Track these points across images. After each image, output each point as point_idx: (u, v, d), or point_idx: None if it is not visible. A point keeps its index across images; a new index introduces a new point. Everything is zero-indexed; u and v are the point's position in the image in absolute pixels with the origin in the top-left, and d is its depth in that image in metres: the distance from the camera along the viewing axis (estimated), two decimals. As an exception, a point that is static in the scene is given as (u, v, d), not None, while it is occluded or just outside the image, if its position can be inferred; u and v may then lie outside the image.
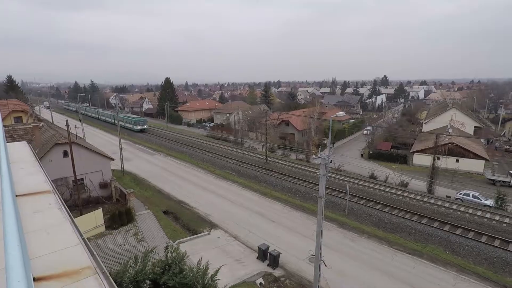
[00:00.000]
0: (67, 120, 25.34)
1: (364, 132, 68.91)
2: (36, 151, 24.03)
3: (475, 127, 60.21)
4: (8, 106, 41.83)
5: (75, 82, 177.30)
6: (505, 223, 24.70)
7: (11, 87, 72.87)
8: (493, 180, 38.15)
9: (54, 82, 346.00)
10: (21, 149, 8.11)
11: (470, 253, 21.26)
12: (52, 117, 66.63)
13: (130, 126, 70.09)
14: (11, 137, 27.71)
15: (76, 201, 25.19)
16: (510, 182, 36.94)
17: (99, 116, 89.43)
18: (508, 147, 55.87)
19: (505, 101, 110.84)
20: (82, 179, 27.70)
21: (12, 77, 76.31)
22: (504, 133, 70.75)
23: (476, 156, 42.31)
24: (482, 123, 71.22)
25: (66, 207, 4.70)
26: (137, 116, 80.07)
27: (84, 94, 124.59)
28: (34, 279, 2.76)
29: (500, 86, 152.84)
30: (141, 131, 68.38)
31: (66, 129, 24.46)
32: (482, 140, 55.82)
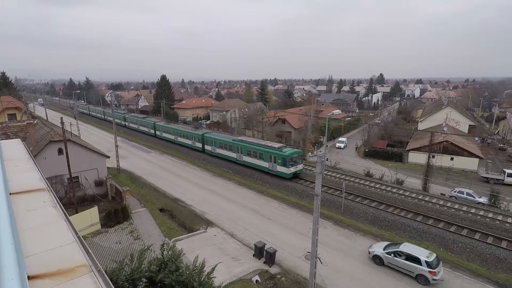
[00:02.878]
0: (61, 118, 25.11)
1: (337, 146, 55.16)
2: (30, 149, 23.81)
3: (469, 125, 60.73)
4: (2, 103, 41.32)
5: (70, 79, 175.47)
6: (499, 220, 25.01)
7: (4, 84, 71.89)
8: (487, 178, 38.58)
9: (49, 79, 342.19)
10: (15, 146, 8.02)
11: (463, 250, 21.52)
12: (46, 114, 66.00)
13: (266, 165, 34.94)
14: (4, 134, 27.42)
15: (71, 199, 25.02)
16: (503, 180, 37.39)
17: (138, 127, 63.65)
18: (501, 145, 56.47)
19: (499, 99, 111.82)
20: (77, 177, 27.51)
21: (6, 74, 75.32)
22: (498, 132, 71.51)
23: (471, 154, 42.72)
24: (476, 121, 71.86)
25: (61, 205, 4.67)
26: (282, 145, 37.18)
27: (79, 91, 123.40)
28: (29, 278, 2.74)
29: (494, 85, 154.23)
30: (295, 175, 34.13)
31: (61, 126, 24.23)
32: (477, 138, 56.38)
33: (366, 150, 50.77)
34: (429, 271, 17.26)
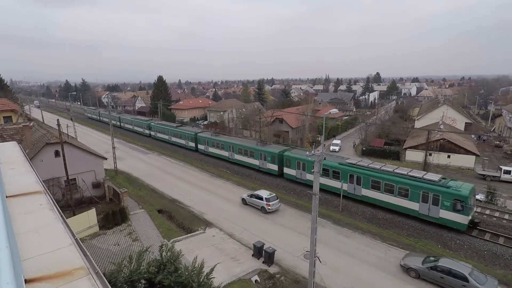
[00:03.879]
0: (58, 120, 24.96)
1: (331, 148, 51.99)
2: (27, 151, 23.68)
3: (465, 123, 61.10)
4: (-3, 106, 41.01)
5: (66, 80, 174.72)
6: (495, 217, 25.17)
7: (-1, 86, 71.32)
8: (484, 175, 38.79)
9: (45, 81, 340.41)
10: (11, 149, 7.98)
11: (461, 247, 21.65)
12: (42, 116, 65.58)
13: (415, 206, 24.15)
14: (0, 137, 27.24)
15: (69, 201, 24.88)
16: (500, 177, 37.61)
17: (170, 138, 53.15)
18: (497, 142, 56.84)
19: (494, 97, 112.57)
20: (74, 179, 27.36)
21: (1, 76, 74.74)
22: (494, 129, 71.98)
23: (467, 152, 42.96)
24: (472, 119, 72.31)
25: (58, 207, 4.64)
26: (441, 176, 24.90)
27: (75, 93, 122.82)
28: (26, 281, 2.73)
29: (489, 83, 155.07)
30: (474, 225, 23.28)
31: (57, 128, 24.09)
32: (473, 136, 56.72)
33: (364, 148, 50.93)
34: (266, 204, 27.09)
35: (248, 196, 28.85)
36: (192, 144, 48.26)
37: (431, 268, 17.60)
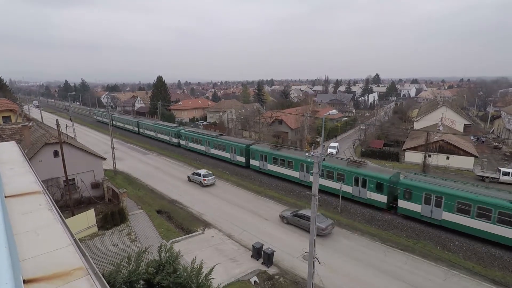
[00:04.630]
0: (57, 120, 24.91)
1: (329, 151, 49.01)
2: (26, 151, 23.63)
3: (464, 124, 61.17)
4: (-4, 106, 40.95)
5: (65, 80, 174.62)
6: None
7: (-1, 86, 71.14)
8: (482, 176, 38.84)
9: (44, 81, 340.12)
10: (10, 149, 7.96)
11: (460, 248, 21.67)
12: (41, 116, 65.48)
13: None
14: (-1, 137, 27.16)
15: (68, 201, 24.84)
16: (498, 178, 37.66)
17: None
18: (496, 144, 56.95)
19: (493, 99, 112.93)
20: (73, 179, 27.33)
21: (0, 76, 74.64)
22: (493, 130, 72.12)
23: (466, 153, 43.03)
24: (471, 120, 72.43)
25: (57, 207, 4.63)
26: None
27: (74, 93, 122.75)
28: (24, 281, 2.72)
29: (488, 84, 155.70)
30: None
31: (56, 128, 24.05)
32: (472, 137, 56.82)
33: (363, 149, 50.97)
34: (203, 179, 33.62)
35: (191, 174, 35.51)
36: (241, 159, 40.19)
37: (294, 215, 25.00)
